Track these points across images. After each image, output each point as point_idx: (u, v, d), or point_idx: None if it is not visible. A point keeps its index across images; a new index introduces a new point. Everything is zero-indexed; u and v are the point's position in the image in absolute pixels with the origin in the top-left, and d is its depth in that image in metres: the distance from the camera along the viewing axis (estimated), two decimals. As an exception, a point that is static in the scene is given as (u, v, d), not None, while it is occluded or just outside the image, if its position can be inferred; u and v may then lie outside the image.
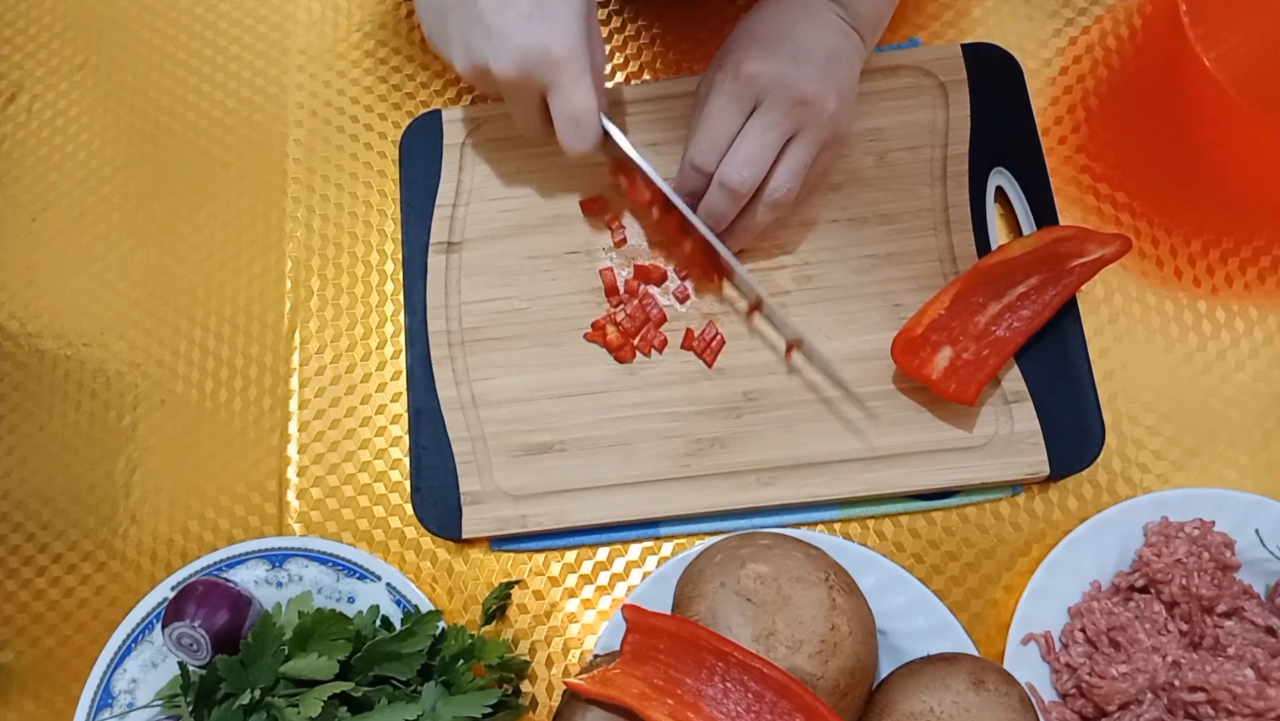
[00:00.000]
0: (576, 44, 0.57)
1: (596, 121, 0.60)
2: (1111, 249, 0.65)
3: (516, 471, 0.66)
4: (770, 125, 0.61)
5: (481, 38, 0.58)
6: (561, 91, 0.59)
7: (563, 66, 0.57)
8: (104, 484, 0.70)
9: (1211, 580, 0.59)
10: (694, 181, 0.64)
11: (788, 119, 0.61)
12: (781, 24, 0.63)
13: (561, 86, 0.58)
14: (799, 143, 0.62)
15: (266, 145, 0.76)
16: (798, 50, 0.61)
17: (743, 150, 0.61)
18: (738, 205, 0.63)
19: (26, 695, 0.66)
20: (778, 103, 0.61)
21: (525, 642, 0.65)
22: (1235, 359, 0.67)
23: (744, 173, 0.61)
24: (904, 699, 0.54)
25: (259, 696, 0.55)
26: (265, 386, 0.71)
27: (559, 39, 0.57)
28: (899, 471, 0.64)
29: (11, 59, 0.80)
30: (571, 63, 0.58)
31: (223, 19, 0.80)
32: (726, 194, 0.62)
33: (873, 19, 0.65)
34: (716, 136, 0.62)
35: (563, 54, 0.57)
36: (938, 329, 0.64)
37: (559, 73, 0.58)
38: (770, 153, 0.62)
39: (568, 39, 0.57)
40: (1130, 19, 0.75)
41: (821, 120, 0.61)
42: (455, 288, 0.70)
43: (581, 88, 0.58)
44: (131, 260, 0.75)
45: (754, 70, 0.61)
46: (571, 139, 0.60)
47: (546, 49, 0.57)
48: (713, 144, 0.62)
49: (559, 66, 0.57)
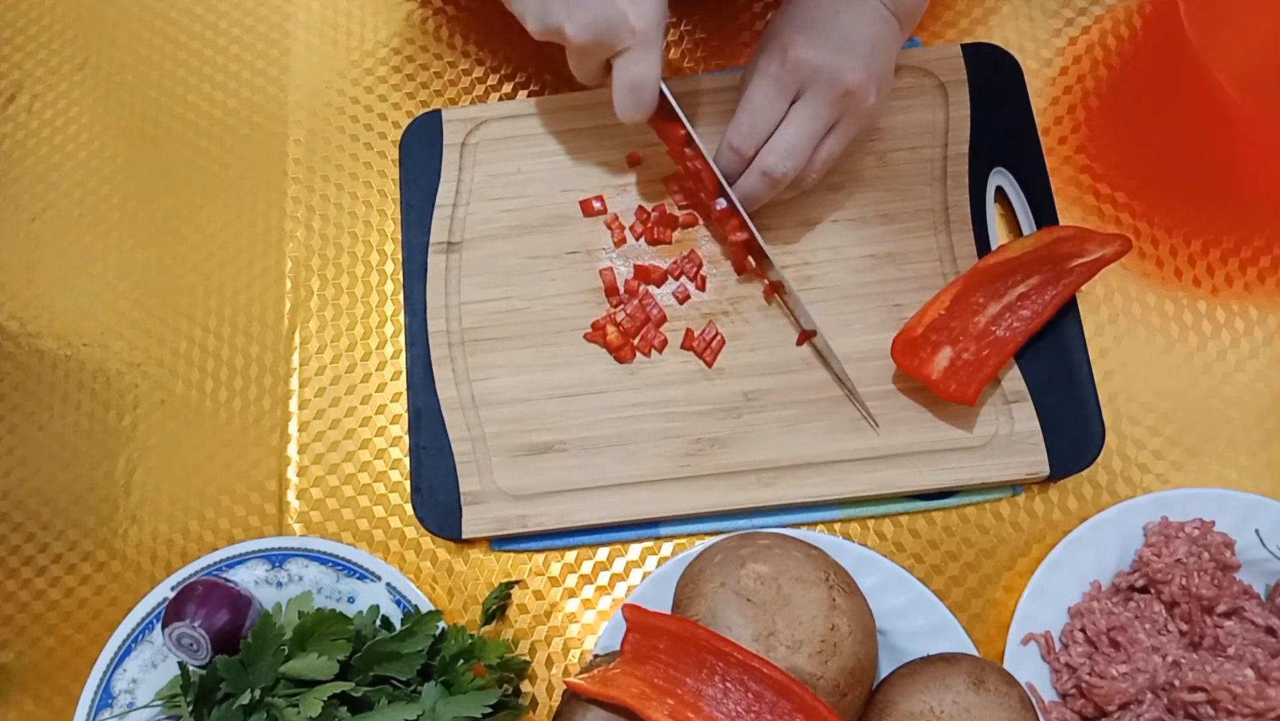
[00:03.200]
0: (655, 17, 0.59)
1: (655, 94, 0.62)
2: (1111, 249, 0.65)
3: (516, 471, 0.66)
4: (815, 116, 0.62)
5: (559, 3, 0.59)
6: (629, 59, 0.60)
7: (638, 36, 0.59)
8: (104, 484, 0.70)
9: (1211, 580, 0.59)
10: (732, 163, 0.65)
11: (831, 109, 0.62)
12: (826, 10, 0.63)
13: (630, 55, 0.60)
14: (836, 133, 0.63)
15: (266, 145, 0.76)
16: (843, 38, 0.62)
17: (785, 139, 0.62)
18: (774, 192, 0.64)
19: (26, 695, 0.66)
20: (821, 92, 0.61)
21: (525, 642, 0.65)
22: (1235, 359, 0.67)
23: (787, 164, 0.62)
24: (904, 699, 0.54)
25: (259, 696, 0.55)
26: (265, 386, 0.71)
27: (640, 10, 0.59)
28: (899, 471, 0.64)
29: (11, 59, 0.80)
30: (646, 35, 0.59)
31: (223, 19, 0.80)
32: (766, 181, 0.63)
33: (912, 5, 0.65)
34: (757, 121, 0.63)
35: (640, 25, 0.59)
36: (938, 329, 0.64)
37: (632, 41, 0.59)
38: (812, 143, 0.62)
39: (648, 12, 0.59)
40: (1130, 19, 0.75)
41: (861, 110, 0.62)
42: (455, 288, 0.70)
43: (649, 59, 0.60)
44: (131, 260, 0.75)
45: (801, 57, 0.61)
46: (628, 106, 0.62)
47: (625, 17, 0.59)
48: (753, 128, 0.63)
49: (634, 35, 0.59)
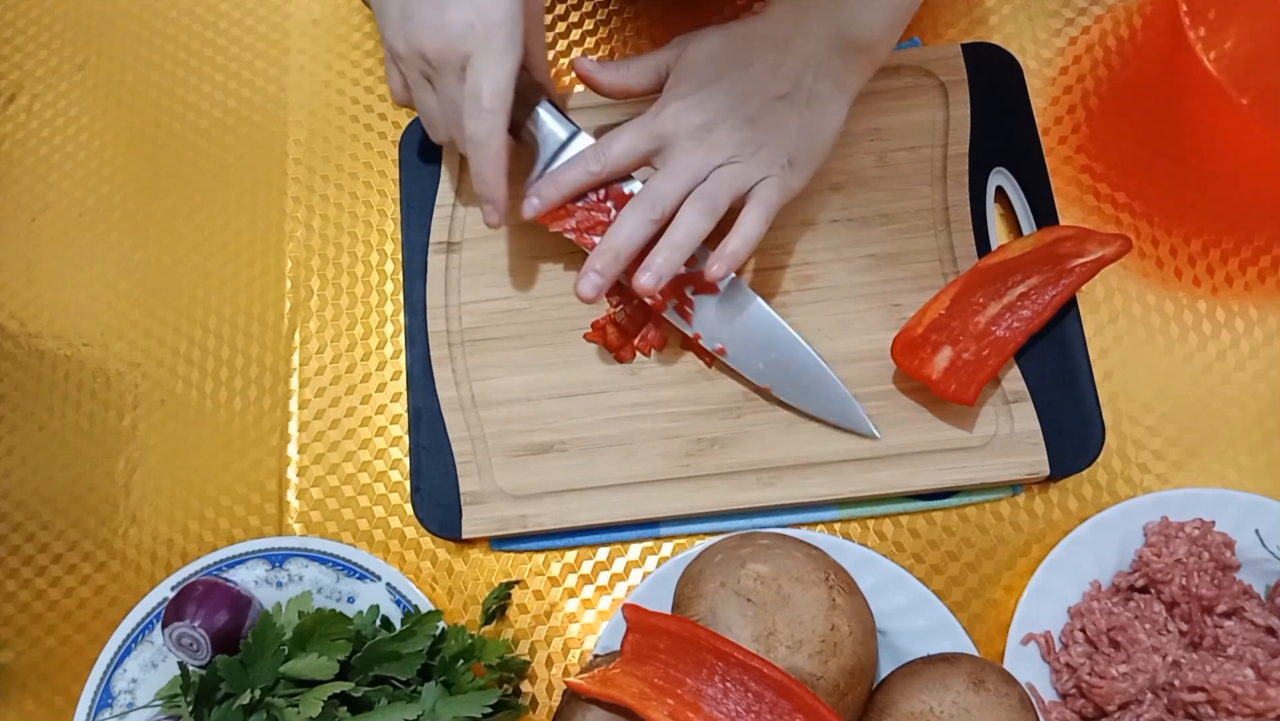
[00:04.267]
0: (508, 15, 0.55)
1: (503, 104, 0.56)
2: (1111, 249, 0.65)
3: (516, 471, 0.66)
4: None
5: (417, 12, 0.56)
6: (476, 67, 0.55)
7: (488, 37, 0.54)
8: (104, 484, 0.70)
9: (1211, 580, 0.59)
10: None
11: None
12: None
13: (477, 62, 0.55)
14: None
15: (266, 145, 0.76)
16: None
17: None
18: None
19: (26, 695, 0.66)
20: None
21: (525, 642, 0.65)
22: (1235, 359, 0.67)
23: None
24: (904, 699, 0.54)
25: (259, 696, 0.55)
26: (265, 386, 0.71)
27: (490, 9, 0.54)
28: (899, 471, 0.64)
29: (11, 59, 0.80)
30: (495, 34, 0.54)
31: (223, 19, 0.80)
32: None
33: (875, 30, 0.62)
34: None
35: (490, 24, 0.54)
36: (938, 329, 0.64)
37: (482, 43, 0.54)
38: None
39: (499, 10, 0.54)
40: (1130, 19, 0.75)
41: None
42: (455, 287, 0.70)
43: (501, 63, 0.55)
44: (131, 260, 0.75)
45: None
46: (472, 123, 0.56)
47: (472, 23, 0.54)
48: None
49: (485, 36, 0.54)
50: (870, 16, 0.60)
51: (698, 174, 0.60)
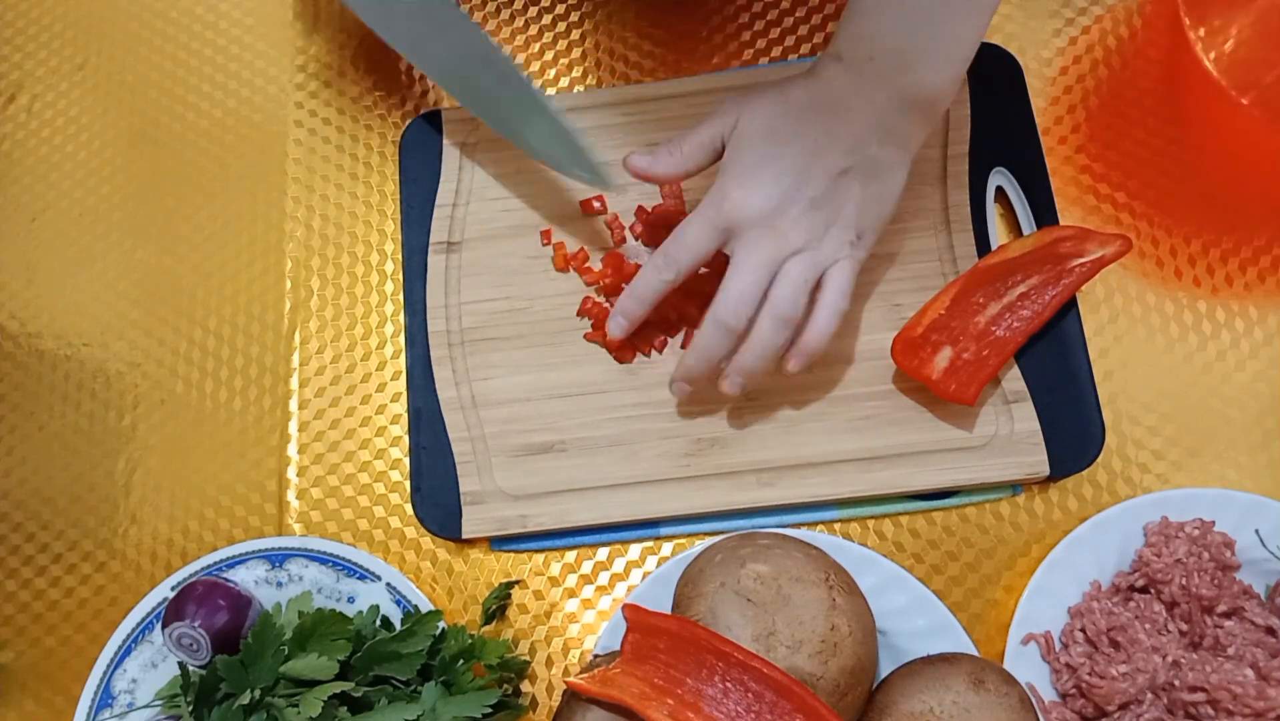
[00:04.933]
0: None
1: None
2: (1111, 249, 0.65)
3: (516, 471, 0.66)
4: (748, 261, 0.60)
5: None
6: None
7: None
8: (104, 484, 0.70)
9: (1211, 580, 0.59)
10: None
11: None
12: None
13: None
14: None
15: (266, 145, 0.76)
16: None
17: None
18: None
19: (26, 695, 0.66)
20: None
21: (525, 642, 0.65)
22: (1235, 359, 0.67)
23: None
24: (904, 699, 0.54)
25: (259, 696, 0.55)
26: (265, 386, 0.71)
27: None
28: (899, 471, 0.64)
29: (11, 59, 0.80)
30: None
31: (223, 19, 0.80)
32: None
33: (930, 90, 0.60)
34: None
35: None
36: (938, 329, 0.64)
37: None
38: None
39: None
40: (1130, 19, 0.75)
41: None
42: (455, 288, 0.70)
43: None
44: (131, 260, 0.75)
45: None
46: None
47: None
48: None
49: None
50: (935, 75, 0.57)
51: (770, 268, 0.59)
